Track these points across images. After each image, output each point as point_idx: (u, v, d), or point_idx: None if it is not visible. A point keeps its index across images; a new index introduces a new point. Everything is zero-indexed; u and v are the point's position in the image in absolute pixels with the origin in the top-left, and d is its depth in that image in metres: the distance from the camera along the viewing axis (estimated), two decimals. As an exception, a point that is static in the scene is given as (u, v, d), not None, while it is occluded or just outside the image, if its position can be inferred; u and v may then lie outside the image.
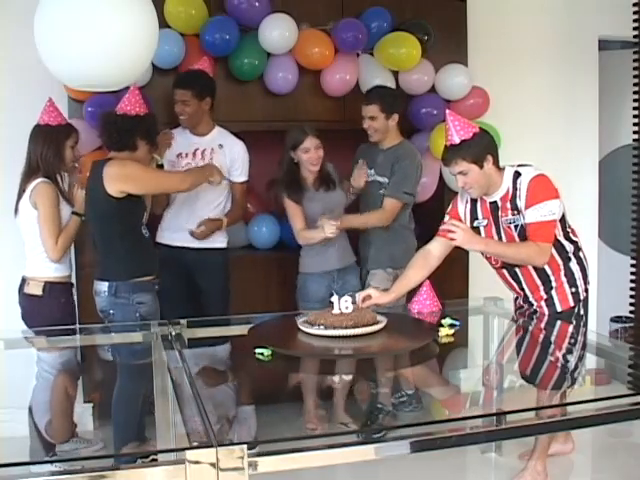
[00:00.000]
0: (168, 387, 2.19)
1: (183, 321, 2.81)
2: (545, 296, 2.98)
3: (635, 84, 4.18)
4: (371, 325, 2.48)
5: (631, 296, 4.28)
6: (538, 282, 2.98)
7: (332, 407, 2.22)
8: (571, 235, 3.00)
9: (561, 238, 2.95)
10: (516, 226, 2.88)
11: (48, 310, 3.17)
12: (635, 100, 4.16)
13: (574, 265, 2.99)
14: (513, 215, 2.88)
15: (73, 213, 3.25)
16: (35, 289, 3.20)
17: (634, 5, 4.17)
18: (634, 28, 4.14)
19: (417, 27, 4.01)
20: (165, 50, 3.45)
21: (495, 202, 2.92)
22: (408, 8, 4.08)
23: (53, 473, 1.56)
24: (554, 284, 2.96)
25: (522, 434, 1.94)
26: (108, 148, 3.15)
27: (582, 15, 4.64)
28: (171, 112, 3.62)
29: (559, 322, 2.91)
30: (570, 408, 2.03)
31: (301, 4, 3.87)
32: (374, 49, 4.00)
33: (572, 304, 2.98)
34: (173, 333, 2.64)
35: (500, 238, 2.95)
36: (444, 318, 2.72)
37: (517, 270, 2.98)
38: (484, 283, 3.82)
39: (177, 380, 2.12)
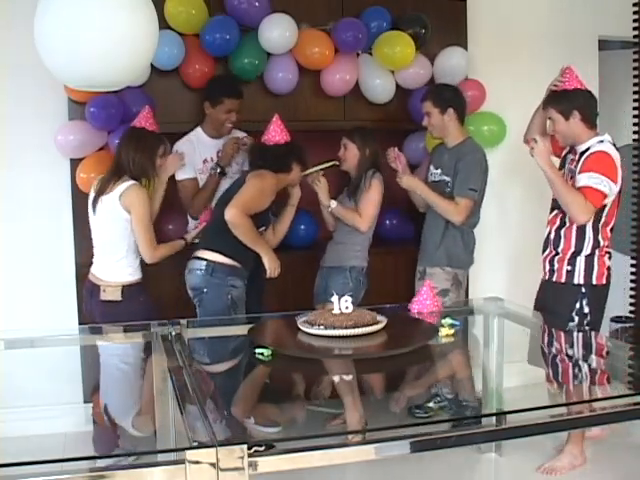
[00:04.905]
0: (168, 387, 2.19)
1: (183, 321, 2.81)
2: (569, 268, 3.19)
3: (635, 84, 4.17)
4: (371, 325, 2.48)
5: (631, 296, 4.27)
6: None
7: (332, 407, 2.22)
8: (600, 232, 3.17)
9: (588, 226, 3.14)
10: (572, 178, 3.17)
11: (127, 313, 3.10)
12: (635, 100, 4.16)
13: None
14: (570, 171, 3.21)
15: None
16: (113, 295, 3.17)
17: (634, 5, 4.17)
18: (634, 28, 4.14)
19: (414, 20, 4.02)
20: (165, 52, 3.45)
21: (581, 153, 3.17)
22: (408, 8, 4.07)
23: (53, 473, 1.56)
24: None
25: (522, 434, 1.94)
26: None
27: (582, 15, 4.64)
28: (171, 112, 3.62)
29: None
30: (570, 408, 2.03)
31: (301, 4, 3.87)
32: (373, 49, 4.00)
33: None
34: (173, 333, 2.64)
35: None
36: (444, 318, 2.72)
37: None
38: (484, 283, 3.83)
39: (177, 380, 2.12)
